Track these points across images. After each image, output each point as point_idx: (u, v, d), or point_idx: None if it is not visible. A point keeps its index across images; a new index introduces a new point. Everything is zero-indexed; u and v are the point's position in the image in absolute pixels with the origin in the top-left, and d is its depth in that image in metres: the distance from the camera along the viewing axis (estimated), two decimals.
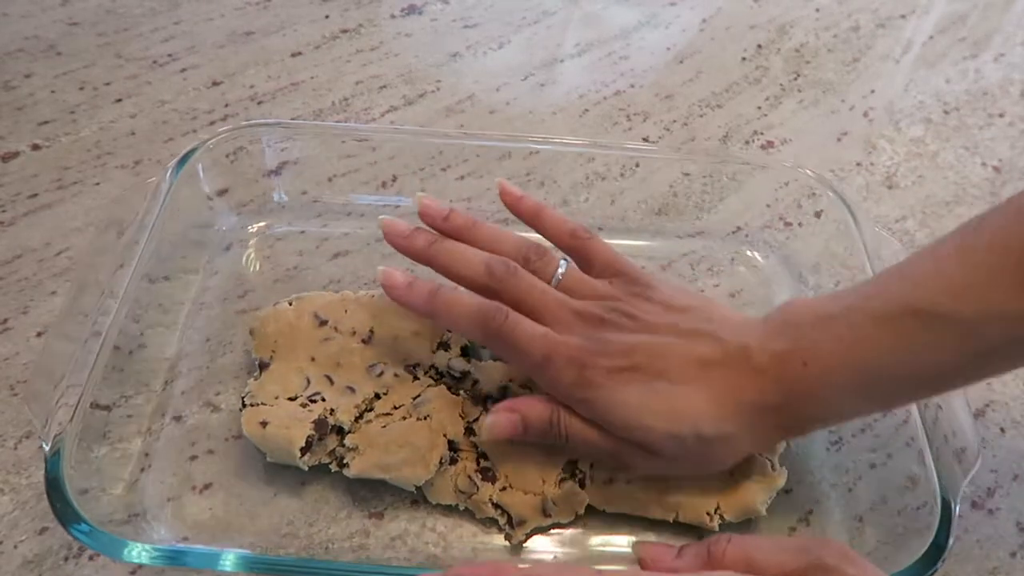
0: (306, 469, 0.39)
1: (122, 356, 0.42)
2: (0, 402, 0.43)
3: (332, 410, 0.40)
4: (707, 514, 0.39)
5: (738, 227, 0.55)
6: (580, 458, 0.40)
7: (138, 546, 0.34)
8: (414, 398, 0.41)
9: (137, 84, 0.64)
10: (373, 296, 0.45)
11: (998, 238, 0.33)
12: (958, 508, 0.36)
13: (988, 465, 0.45)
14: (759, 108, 0.67)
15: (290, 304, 0.44)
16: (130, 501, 0.39)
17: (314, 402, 0.40)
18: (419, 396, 0.41)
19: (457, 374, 0.42)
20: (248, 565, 0.34)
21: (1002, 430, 0.47)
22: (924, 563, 0.34)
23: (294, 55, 0.68)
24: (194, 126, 0.61)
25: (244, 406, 0.40)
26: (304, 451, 0.39)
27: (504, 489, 0.39)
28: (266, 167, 0.54)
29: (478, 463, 0.40)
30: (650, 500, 0.39)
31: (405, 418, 0.40)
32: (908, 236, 0.57)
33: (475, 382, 0.42)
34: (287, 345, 0.43)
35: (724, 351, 0.36)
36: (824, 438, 0.44)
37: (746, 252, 0.54)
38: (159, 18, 0.71)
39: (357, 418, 0.40)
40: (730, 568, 0.32)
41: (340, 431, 0.40)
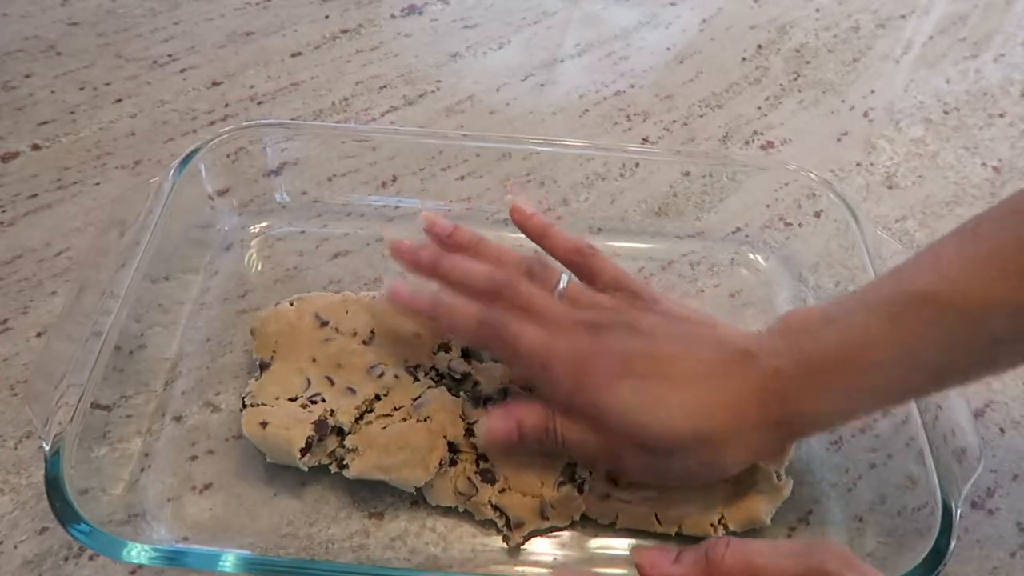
0: (306, 470, 0.39)
1: (123, 356, 0.42)
2: (0, 402, 0.43)
3: (332, 411, 0.40)
4: (711, 525, 0.39)
5: (738, 227, 0.55)
6: (578, 462, 0.40)
7: (137, 546, 0.34)
8: (414, 399, 0.41)
9: (137, 84, 0.64)
10: (374, 297, 0.45)
11: (1000, 233, 0.33)
12: (959, 511, 0.36)
13: (988, 465, 0.45)
14: (759, 108, 0.67)
15: (291, 305, 0.44)
16: (130, 501, 0.39)
17: (314, 403, 0.40)
18: (419, 397, 0.41)
19: (458, 376, 0.42)
20: (248, 566, 0.34)
21: (1002, 430, 0.47)
22: (925, 568, 0.34)
23: (294, 55, 0.68)
24: (194, 126, 0.61)
25: (244, 406, 0.40)
26: (304, 452, 0.39)
27: (503, 491, 0.39)
28: (267, 167, 0.54)
29: (478, 465, 0.40)
30: (650, 515, 0.39)
31: (405, 419, 0.40)
32: (908, 236, 0.57)
33: (476, 384, 0.42)
34: (288, 346, 0.43)
35: (725, 355, 0.37)
36: (824, 438, 0.44)
37: (746, 252, 0.54)
38: (159, 18, 0.71)
39: (357, 419, 0.40)
40: (729, 573, 0.32)
41: (340, 432, 0.40)
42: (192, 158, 0.48)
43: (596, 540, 0.40)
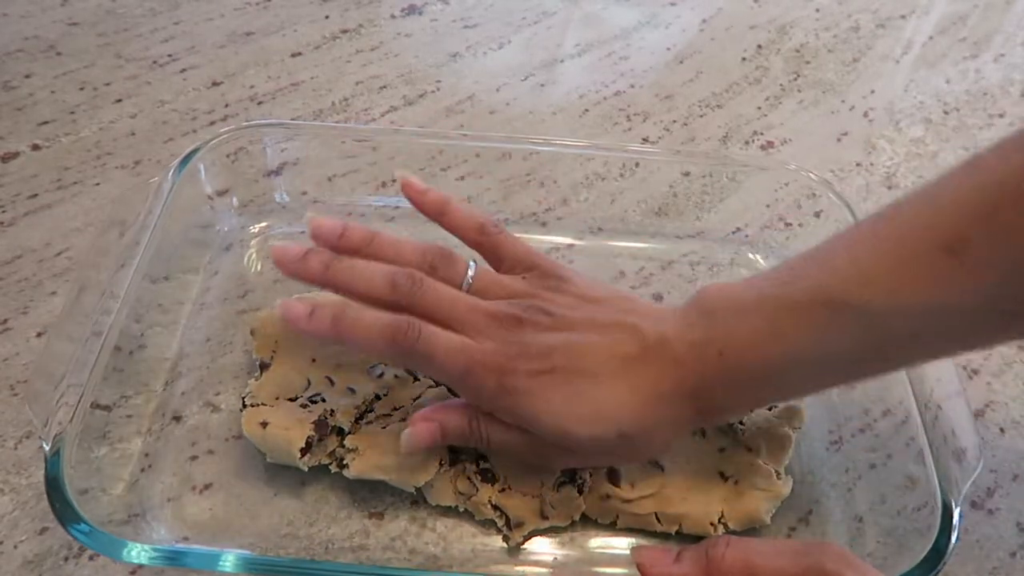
0: (306, 470, 0.39)
1: (123, 356, 0.42)
2: (0, 402, 0.43)
3: (332, 411, 0.40)
4: (711, 524, 0.39)
5: (738, 227, 0.55)
6: (503, 458, 0.39)
7: (137, 546, 0.34)
8: (414, 399, 0.41)
9: (137, 84, 0.64)
10: None
11: (907, 228, 0.33)
12: (959, 511, 0.36)
13: (988, 465, 0.45)
14: (759, 108, 0.67)
15: None
16: (130, 501, 0.39)
17: (314, 403, 0.40)
18: (419, 397, 0.41)
19: None
20: (248, 566, 0.34)
21: (1002, 430, 0.47)
22: (924, 567, 0.34)
23: (294, 55, 0.68)
24: (194, 126, 0.61)
25: (244, 406, 0.40)
26: (304, 452, 0.39)
27: (503, 491, 0.39)
28: (267, 167, 0.54)
29: (478, 464, 0.40)
30: (650, 514, 0.39)
31: (405, 419, 0.40)
32: None
33: None
34: (288, 346, 0.43)
35: (643, 344, 0.36)
36: (824, 438, 0.44)
37: (746, 253, 0.54)
38: (159, 18, 0.71)
39: (357, 419, 0.40)
40: (729, 572, 0.32)
41: (340, 432, 0.40)
42: (192, 158, 0.48)
43: (596, 539, 0.40)
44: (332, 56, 0.68)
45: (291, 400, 0.41)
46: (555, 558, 0.39)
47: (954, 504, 0.36)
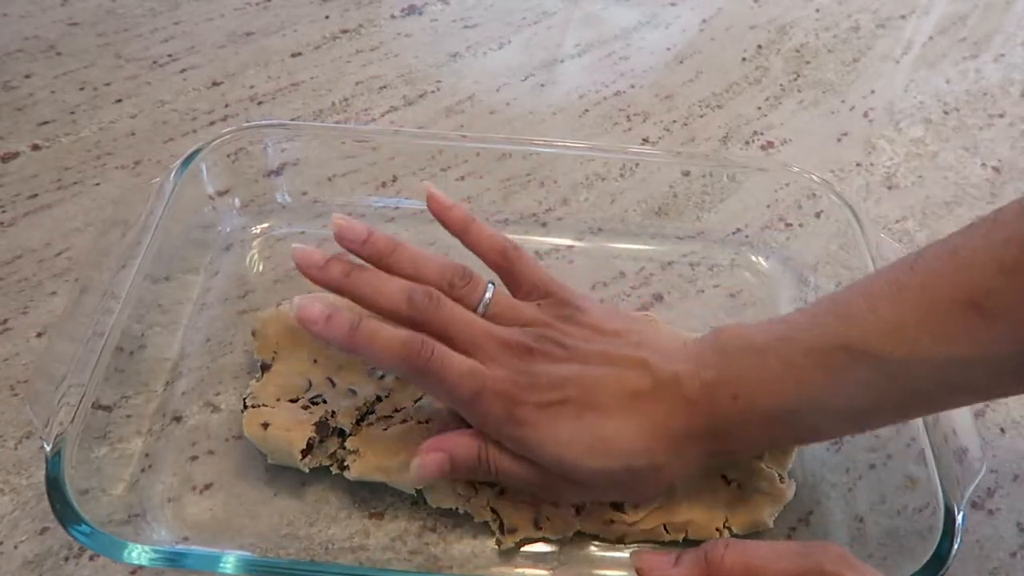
0: (307, 471, 0.39)
1: (123, 356, 0.42)
2: (0, 402, 0.43)
3: (333, 412, 0.40)
4: (716, 530, 0.39)
5: (738, 228, 0.55)
6: (510, 489, 0.39)
7: (138, 548, 0.34)
8: (415, 401, 0.41)
9: (137, 84, 0.64)
10: None
11: (930, 281, 0.33)
12: (962, 514, 0.36)
13: (988, 465, 0.44)
14: (759, 108, 0.67)
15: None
16: (130, 501, 0.39)
17: (315, 404, 0.40)
18: (420, 399, 0.41)
19: None
20: (248, 567, 0.34)
21: (1002, 430, 0.47)
22: (927, 572, 0.34)
23: (294, 55, 0.68)
24: (194, 126, 0.61)
25: (245, 407, 0.40)
26: (305, 453, 0.39)
27: (502, 494, 0.39)
28: (267, 168, 0.54)
29: None
30: (659, 527, 0.39)
31: (406, 421, 0.40)
32: (908, 236, 0.57)
33: None
34: (289, 347, 0.43)
35: (655, 381, 0.36)
36: None
37: (746, 253, 0.54)
38: (159, 18, 0.70)
39: (358, 421, 0.40)
40: (729, 575, 0.32)
41: (341, 433, 0.40)
42: (194, 159, 0.48)
43: (596, 543, 0.40)
44: (332, 56, 0.68)
45: (292, 401, 0.41)
46: (555, 560, 0.39)
47: (957, 508, 0.36)
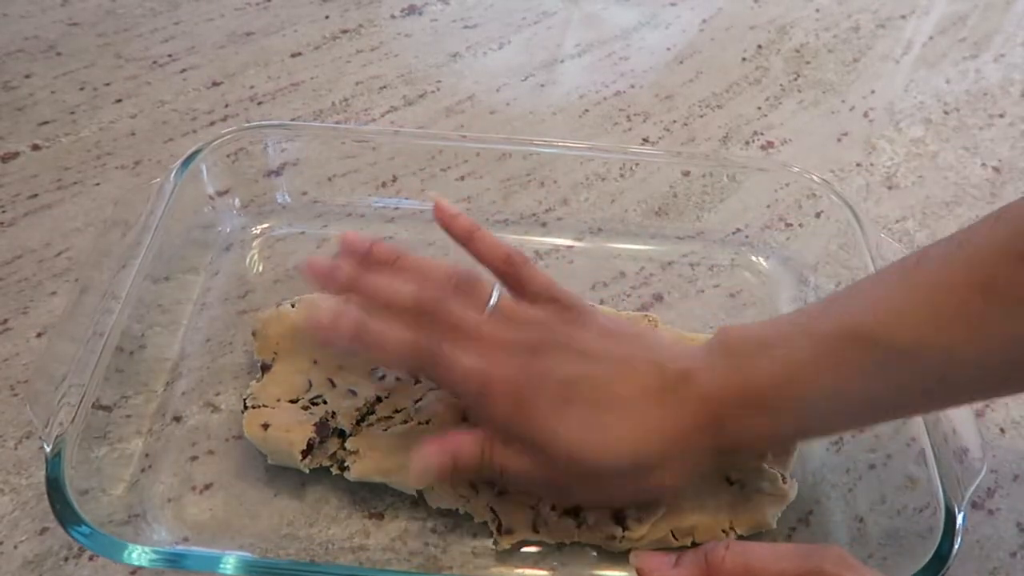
0: (307, 472, 0.39)
1: (123, 356, 0.42)
2: (0, 402, 0.43)
3: (333, 413, 0.40)
4: (722, 532, 0.39)
5: (738, 228, 0.55)
6: (512, 490, 0.39)
7: (138, 549, 0.34)
8: (415, 402, 0.41)
9: (137, 84, 0.64)
10: None
11: (936, 270, 0.33)
12: (963, 515, 0.36)
13: (988, 465, 0.44)
14: (759, 108, 0.67)
15: (292, 306, 0.44)
16: (130, 501, 0.39)
17: (315, 404, 0.40)
18: (420, 400, 0.41)
19: None
20: (248, 568, 0.34)
21: (1002, 430, 0.47)
22: (927, 572, 0.34)
23: (294, 55, 0.68)
24: (194, 126, 0.61)
25: (246, 408, 0.40)
26: (305, 454, 0.39)
27: (502, 494, 0.39)
28: (267, 168, 0.54)
29: None
30: (666, 534, 0.39)
31: (406, 422, 0.40)
32: (908, 236, 0.57)
33: None
34: (289, 347, 0.43)
35: (664, 379, 0.36)
36: (824, 438, 0.44)
37: (747, 253, 0.54)
38: (159, 18, 0.70)
39: (358, 421, 0.40)
40: None
41: (341, 434, 0.40)
42: (194, 159, 0.48)
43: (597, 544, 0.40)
44: (332, 56, 0.68)
45: (292, 402, 0.41)
46: (555, 561, 0.39)
47: (957, 508, 0.36)
